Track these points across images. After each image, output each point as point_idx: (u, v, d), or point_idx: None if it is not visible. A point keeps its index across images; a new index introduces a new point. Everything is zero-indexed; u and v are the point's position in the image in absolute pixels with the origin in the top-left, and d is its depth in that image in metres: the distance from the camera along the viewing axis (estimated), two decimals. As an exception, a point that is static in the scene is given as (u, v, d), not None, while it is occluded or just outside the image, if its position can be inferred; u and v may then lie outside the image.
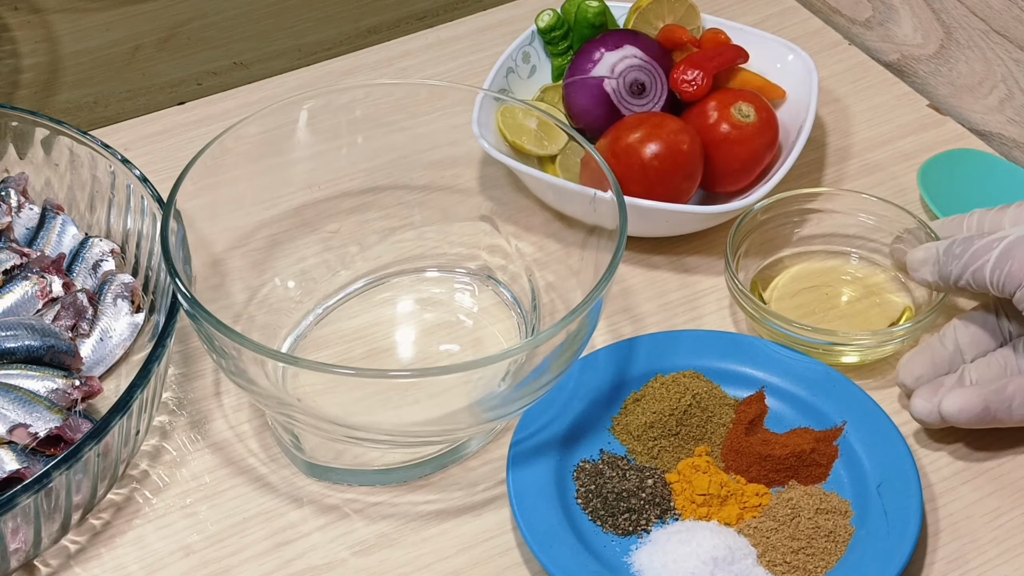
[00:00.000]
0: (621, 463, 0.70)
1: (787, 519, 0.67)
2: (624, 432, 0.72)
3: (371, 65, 1.00)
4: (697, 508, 0.68)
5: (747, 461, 0.70)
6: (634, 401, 0.73)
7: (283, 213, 0.80)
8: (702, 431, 0.72)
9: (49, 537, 0.66)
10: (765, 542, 0.66)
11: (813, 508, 0.67)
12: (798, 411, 0.73)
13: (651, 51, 0.87)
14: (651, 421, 0.71)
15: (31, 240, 0.81)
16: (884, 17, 1.01)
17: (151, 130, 0.95)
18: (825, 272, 0.82)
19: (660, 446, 0.71)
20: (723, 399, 0.73)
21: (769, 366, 0.75)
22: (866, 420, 0.71)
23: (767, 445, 0.71)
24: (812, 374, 0.74)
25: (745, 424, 0.72)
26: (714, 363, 0.75)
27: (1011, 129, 0.93)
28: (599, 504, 0.68)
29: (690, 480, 0.69)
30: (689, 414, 0.72)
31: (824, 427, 0.72)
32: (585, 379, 0.73)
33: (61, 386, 0.71)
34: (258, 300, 0.77)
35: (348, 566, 0.68)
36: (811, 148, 0.92)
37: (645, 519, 0.68)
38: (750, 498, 0.69)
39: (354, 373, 0.64)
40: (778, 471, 0.70)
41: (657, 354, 0.75)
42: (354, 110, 0.78)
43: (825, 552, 0.66)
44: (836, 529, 0.67)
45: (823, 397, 0.73)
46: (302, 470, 0.72)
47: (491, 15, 1.05)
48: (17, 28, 1.06)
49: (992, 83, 0.93)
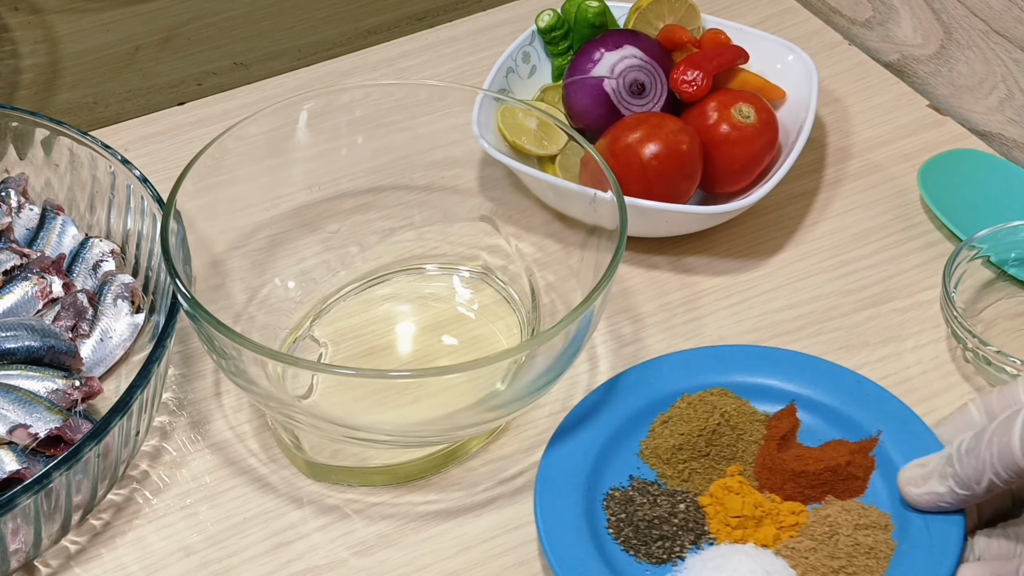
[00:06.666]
0: (652, 488, 0.68)
1: (825, 537, 0.65)
2: (653, 456, 0.69)
3: (371, 65, 1.00)
4: (732, 531, 0.66)
5: (781, 478, 0.68)
6: (662, 423, 0.70)
7: (283, 213, 0.80)
8: (733, 450, 0.69)
9: (49, 538, 0.66)
10: (804, 563, 0.64)
11: (852, 524, 0.65)
12: (831, 423, 0.70)
13: (651, 51, 0.87)
14: (680, 443, 0.69)
15: (31, 241, 0.81)
16: (884, 17, 1.01)
17: (151, 130, 0.95)
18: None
19: (690, 468, 0.69)
20: (753, 415, 0.70)
21: (798, 377, 0.72)
22: (902, 429, 0.68)
23: (801, 460, 0.68)
24: (843, 383, 0.71)
25: (777, 440, 0.69)
26: (742, 378, 0.72)
27: (1011, 129, 0.93)
28: (631, 533, 0.66)
29: (723, 502, 0.67)
30: (719, 433, 0.69)
31: (859, 438, 0.69)
32: (610, 402, 0.71)
33: (61, 387, 0.71)
34: (258, 300, 0.77)
35: (348, 566, 0.68)
36: (811, 148, 0.92)
37: (679, 546, 0.65)
38: (786, 517, 0.66)
39: (354, 373, 0.64)
40: (814, 487, 0.67)
41: (683, 372, 0.72)
42: (354, 110, 0.78)
43: (866, 569, 0.63)
44: (877, 545, 0.64)
45: (856, 407, 0.70)
46: (302, 470, 0.72)
47: (491, 15, 1.05)
48: (17, 28, 1.06)
49: (992, 83, 0.93)
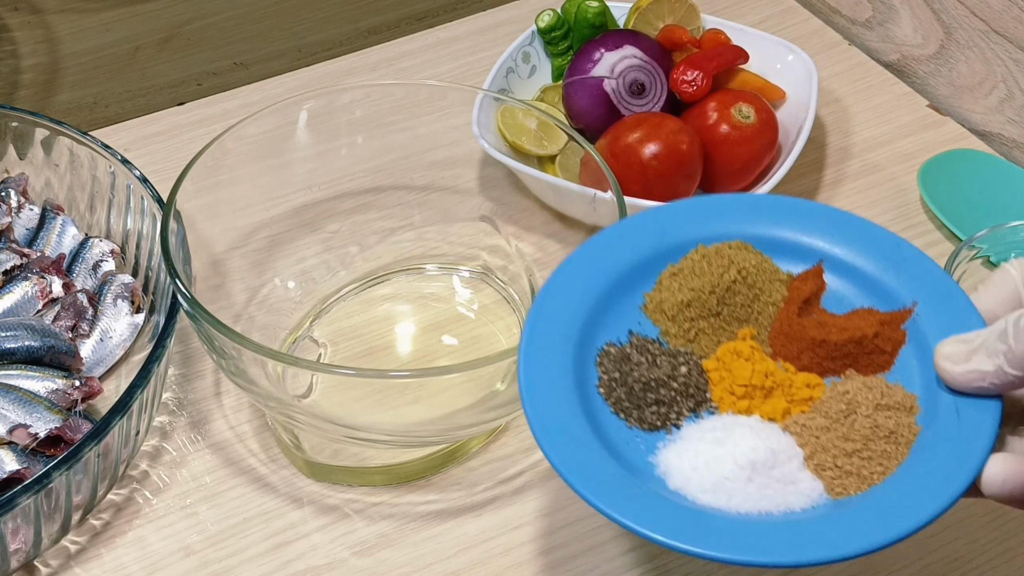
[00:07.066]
0: (652, 347, 0.60)
1: (841, 416, 0.57)
2: (658, 311, 0.62)
3: (371, 65, 1.00)
4: (737, 401, 0.59)
5: (798, 347, 0.60)
6: (671, 275, 0.62)
7: (283, 213, 0.80)
8: (747, 311, 0.62)
9: (49, 537, 0.66)
10: (814, 442, 0.56)
11: (872, 404, 0.57)
12: (861, 289, 0.62)
13: (651, 51, 0.87)
14: (689, 299, 0.61)
15: (31, 240, 0.81)
16: (884, 17, 1.01)
17: (151, 130, 0.95)
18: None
19: (698, 328, 0.61)
20: (774, 274, 0.63)
21: (829, 235, 0.63)
22: (941, 301, 0.59)
23: (823, 328, 0.60)
24: (879, 245, 0.62)
25: (798, 303, 0.62)
26: (766, 231, 0.63)
27: (1011, 129, 0.93)
28: (624, 394, 0.58)
29: (730, 368, 0.59)
30: (733, 291, 0.61)
31: (891, 308, 0.60)
32: (617, 248, 0.63)
33: (61, 387, 0.71)
34: (258, 300, 0.77)
35: (348, 566, 0.68)
36: (811, 148, 0.93)
37: (676, 412, 0.58)
38: (799, 390, 0.59)
39: (354, 373, 0.64)
40: (834, 359, 0.60)
41: (700, 220, 0.64)
42: (354, 110, 0.78)
43: (884, 456, 0.56)
44: (898, 429, 0.56)
45: (892, 273, 0.61)
46: (302, 470, 0.72)
47: (491, 15, 1.05)
48: (17, 28, 1.06)
49: (992, 83, 0.93)
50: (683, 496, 0.55)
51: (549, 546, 0.69)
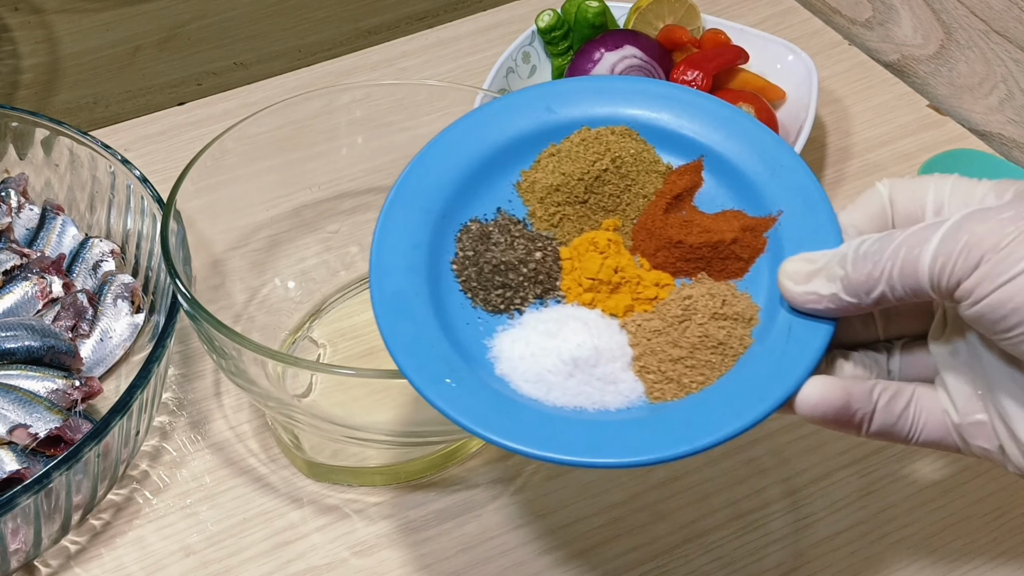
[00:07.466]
0: (515, 228, 0.59)
1: (676, 321, 0.56)
2: (530, 191, 0.60)
3: (371, 65, 1.00)
4: (583, 293, 0.57)
5: (656, 244, 0.58)
6: (549, 155, 0.60)
7: (283, 213, 0.80)
8: (616, 201, 0.60)
9: (49, 537, 0.66)
10: (645, 344, 0.55)
11: (710, 312, 0.55)
12: (736, 191, 0.59)
13: (651, 51, 0.87)
14: (557, 183, 0.59)
15: (31, 240, 0.81)
16: (884, 17, 1.01)
17: (151, 130, 0.95)
18: None
19: (563, 213, 0.59)
20: (654, 165, 0.60)
21: (718, 131, 0.60)
22: (807, 213, 0.57)
23: (683, 228, 0.58)
24: (764, 148, 0.60)
25: (669, 198, 0.59)
26: (655, 119, 0.61)
27: (1011, 129, 0.93)
28: (474, 273, 0.57)
29: (582, 259, 0.58)
30: (603, 180, 0.59)
31: (759, 214, 0.58)
32: (505, 119, 0.61)
33: (61, 387, 0.71)
34: (258, 300, 0.77)
35: (348, 566, 0.68)
36: (811, 148, 0.93)
37: (521, 298, 0.57)
38: (647, 288, 0.57)
39: (354, 373, 0.64)
40: (688, 260, 0.58)
41: (593, 99, 0.61)
42: (354, 110, 0.78)
43: (708, 366, 0.54)
44: (729, 340, 0.55)
45: (767, 177, 0.59)
46: (302, 470, 0.72)
47: (491, 15, 1.05)
48: (17, 28, 1.06)
49: (992, 83, 0.93)
50: (506, 383, 0.54)
51: (549, 546, 0.69)
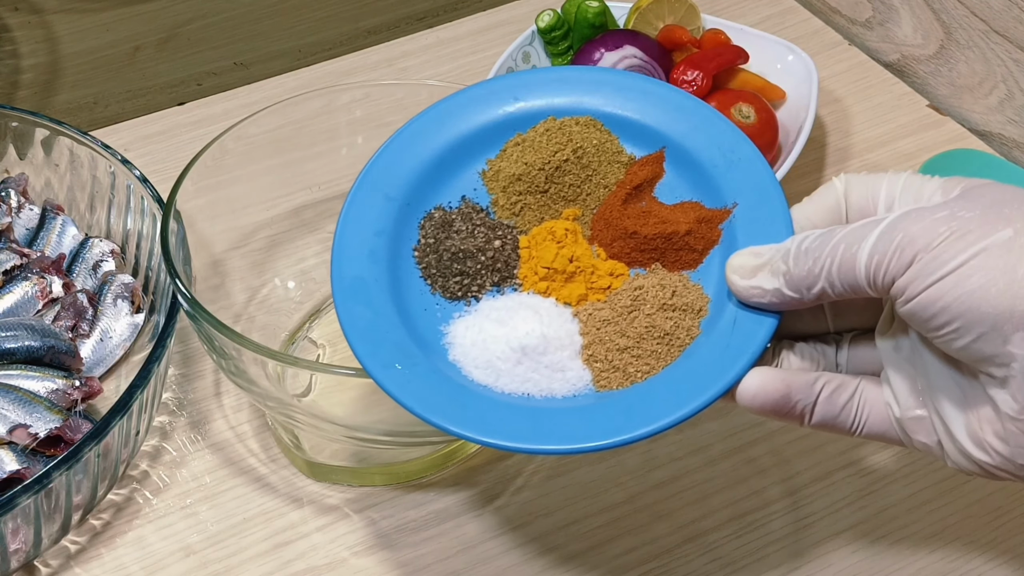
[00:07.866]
0: (476, 217, 0.60)
1: (625, 311, 0.57)
2: (494, 179, 0.61)
3: (371, 65, 1.00)
4: (539, 281, 0.59)
5: (612, 234, 0.59)
6: (515, 144, 0.61)
7: (283, 213, 0.80)
8: (576, 192, 0.61)
9: (49, 537, 0.66)
10: (594, 333, 0.57)
11: (659, 303, 0.57)
12: (694, 183, 0.60)
13: (651, 51, 0.87)
14: (520, 173, 0.60)
15: (31, 240, 0.81)
16: (884, 17, 1.01)
17: (151, 130, 0.95)
18: None
19: (524, 203, 0.61)
20: (616, 155, 0.61)
21: (681, 123, 0.61)
22: (761, 206, 0.58)
23: (640, 219, 0.59)
24: (721, 140, 0.60)
25: (628, 188, 0.60)
26: (619, 110, 0.62)
27: (1011, 129, 0.93)
28: (433, 261, 0.59)
29: (538, 248, 0.59)
30: (563, 170, 0.60)
31: (716, 206, 0.59)
32: (473, 106, 0.62)
33: (61, 387, 0.71)
34: (258, 300, 0.77)
35: (348, 566, 0.68)
36: (811, 148, 0.93)
37: (478, 285, 0.59)
38: (601, 278, 0.58)
39: (354, 373, 0.64)
40: (643, 251, 0.59)
41: (559, 89, 0.62)
42: (354, 110, 0.78)
43: (653, 356, 0.56)
44: (675, 331, 0.56)
45: (724, 169, 0.59)
46: (302, 470, 0.72)
47: (491, 15, 1.05)
48: (17, 28, 1.06)
49: (992, 83, 0.94)
50: (458, 369, 0.56)
51: (549, 546, 0.69)
